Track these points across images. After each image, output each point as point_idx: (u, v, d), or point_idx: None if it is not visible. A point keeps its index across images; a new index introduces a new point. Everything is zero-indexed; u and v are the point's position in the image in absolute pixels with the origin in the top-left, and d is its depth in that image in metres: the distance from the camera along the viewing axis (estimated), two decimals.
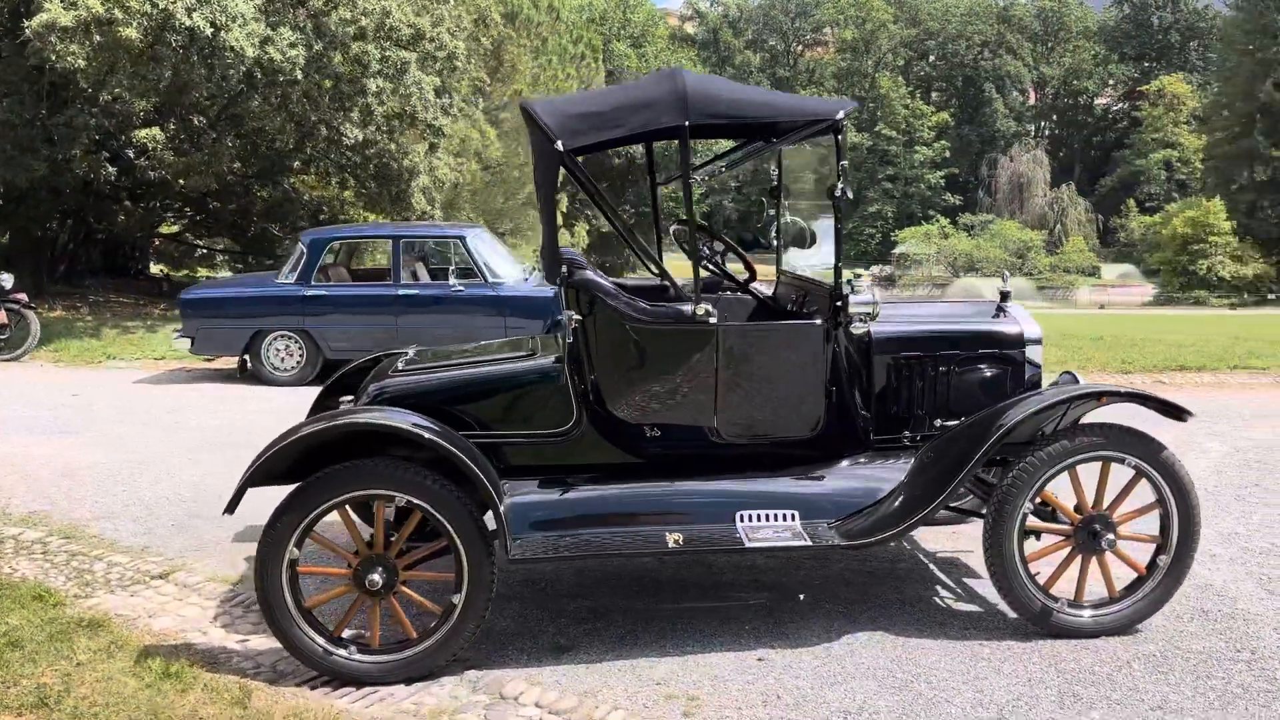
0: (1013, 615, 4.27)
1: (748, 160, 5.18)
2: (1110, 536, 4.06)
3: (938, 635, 4.26)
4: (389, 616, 3.93)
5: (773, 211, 5.37)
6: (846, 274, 4.22)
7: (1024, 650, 4.09)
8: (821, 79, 77.54)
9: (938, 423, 4.45)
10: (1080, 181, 67.30)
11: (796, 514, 4.16)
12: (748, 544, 4.00)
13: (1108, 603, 4.15)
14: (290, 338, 9.78)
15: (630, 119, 4.06)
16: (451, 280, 9.75)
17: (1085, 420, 4.29)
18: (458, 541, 3.86)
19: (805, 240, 5.18)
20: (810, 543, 4.01)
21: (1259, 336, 14.74)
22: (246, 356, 9.96)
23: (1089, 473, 4.04)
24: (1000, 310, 4.71)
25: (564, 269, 4.14)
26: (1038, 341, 4.61)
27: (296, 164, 16.67)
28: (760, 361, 4.16)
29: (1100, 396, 4.12)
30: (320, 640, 3.91)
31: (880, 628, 4.23)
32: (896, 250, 61.57)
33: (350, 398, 4.92)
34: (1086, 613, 4.08)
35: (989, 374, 4.45)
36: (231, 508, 3.88)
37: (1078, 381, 4.50)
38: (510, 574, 4.60)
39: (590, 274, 4.28)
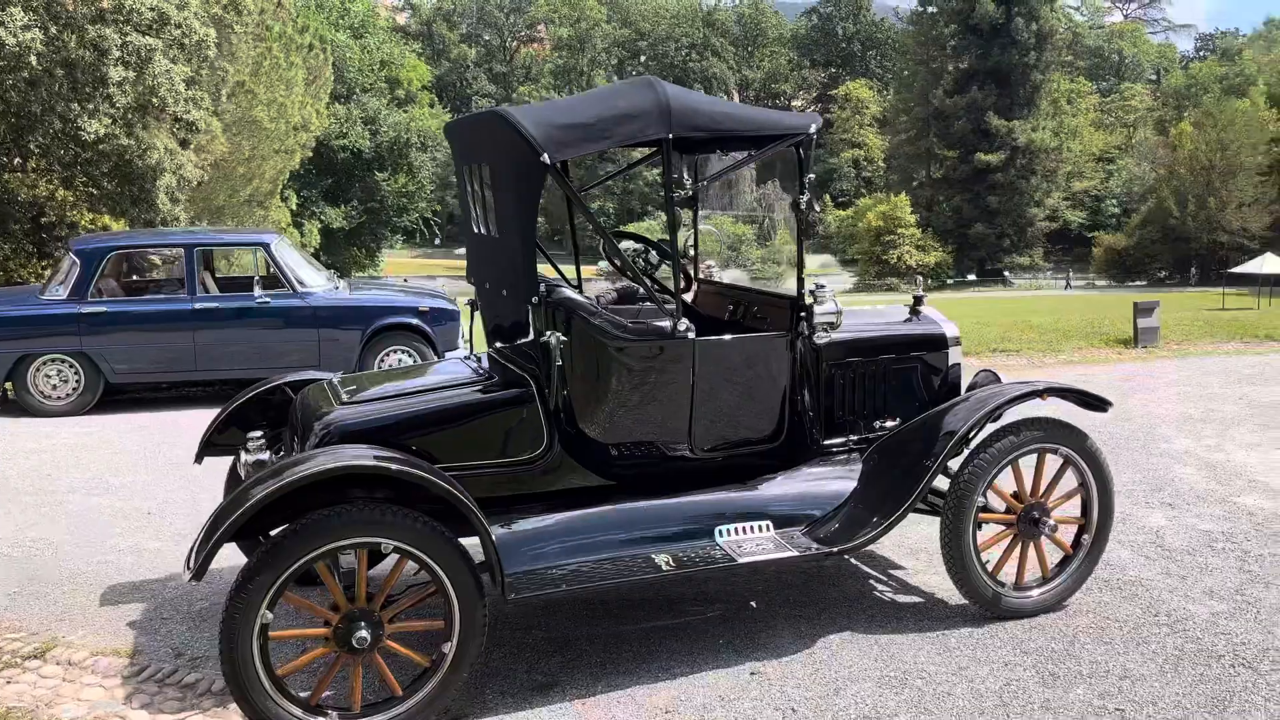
0: (954, 603, 4.49)
1: (729, 173, 5.12)
2: (1050, 522, 4.38)
3: (901, 630, 4.26)
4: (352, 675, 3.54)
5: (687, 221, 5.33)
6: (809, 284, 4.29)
7: (985, 636, 4.16)
8: (539, 75, 78.12)
9: (877, 424, 4.61)
10: (779, 178, 72.06)
11: (770, 524, 4.14)
12: (739, 560, 3.96)
13: (1043, 582, 4.46)
14: (64, 362, 8.45)
15: (617, 130, 3.88)
16: (256, 291, 8.86)
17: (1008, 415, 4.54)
18: (448, 585, 3.54)
19: (716, 247, 5.20)
20: (797, 553, 4.01)
21: (972, 318, 15.98)
22: (8, 385, 8.56)
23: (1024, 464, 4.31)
24: (915, 313, 4.93)
25: (542, 287, 3.91)
26: (958, 342, 4.88)
27: (17, 160, 14.48)
28: (733, 373, 4.11)
29: (1043, 393, 4.44)
30: (297, 711, 3.46)
31: (844, 628, 4.16)
32: (623, 244, 63.19)
33: (258, 433, 4.40)
34: (1028, 594, 4.38)
35: (921, 375, 4.66)
36: (200, 573, 3.34)
37: (997, 378, 4.83)
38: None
39: (568, 292, 4.08)
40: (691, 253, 5.36)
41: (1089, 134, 62.15)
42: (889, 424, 4.59)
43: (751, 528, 4.10)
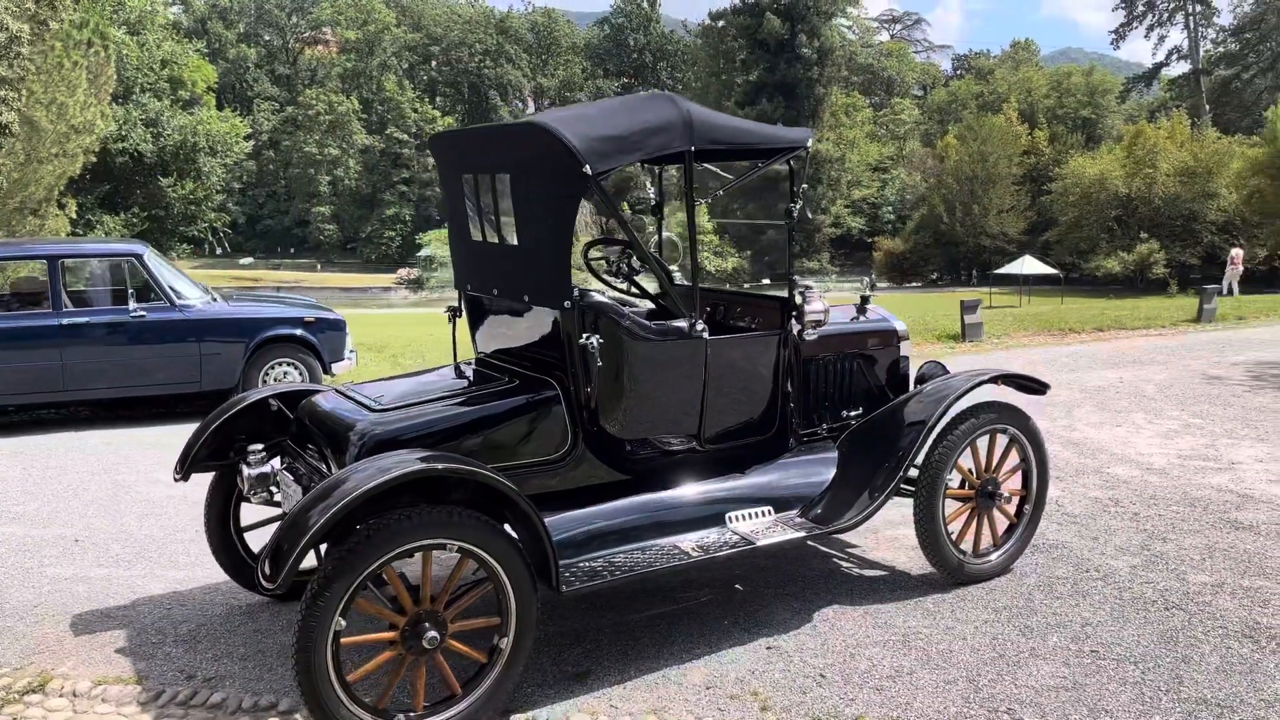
0: (915, 574, 4.94)
1: (741, 182, 5.32)
2: (1004, 494, 4.92)
3: (882, 600, 4.61)
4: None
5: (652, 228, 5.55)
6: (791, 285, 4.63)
7: (955, 600, 4.57)
8: (326, 78, 75.67)
9: (843, 414, 5.01)
10: None
11: (771, 509, 4.47)
12: (758, 543, 4.23)
13: (993, 549, 5.01)
14: None
15: (648, 143, 4.05)
16: (131, 305, 8.30)
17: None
18: (505, 581, 3.63)
19: (678, 254, 5.46)
20: (803, 534, 4.34)
21: None
22: None
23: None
24: (862, 311, 5.37)
25: (575, 292, 4.03)
26: (906, 336, 5.36)
27: None
28: (737, 370, 4.39)
29: (997, 380, 4.97)
30: (367, 717, 3.46)
31: (830, 603, 4.58)
32: (421, 253, 62.10)
33: (259, 446, 4.31)
34: (986, 560, 4.89)
35: (879, 367, 5.09)
36: (285, 585, 3.27)
37: (944, 369, 5.34)
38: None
39: (596, 295, 4.20)
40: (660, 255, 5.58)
41: (865, 145, 66.25)
42: (853, 413, 5.01)
43: (755, 513, 4.41)
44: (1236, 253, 36.88)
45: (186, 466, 4.48)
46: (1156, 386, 9.92)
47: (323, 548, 3.70)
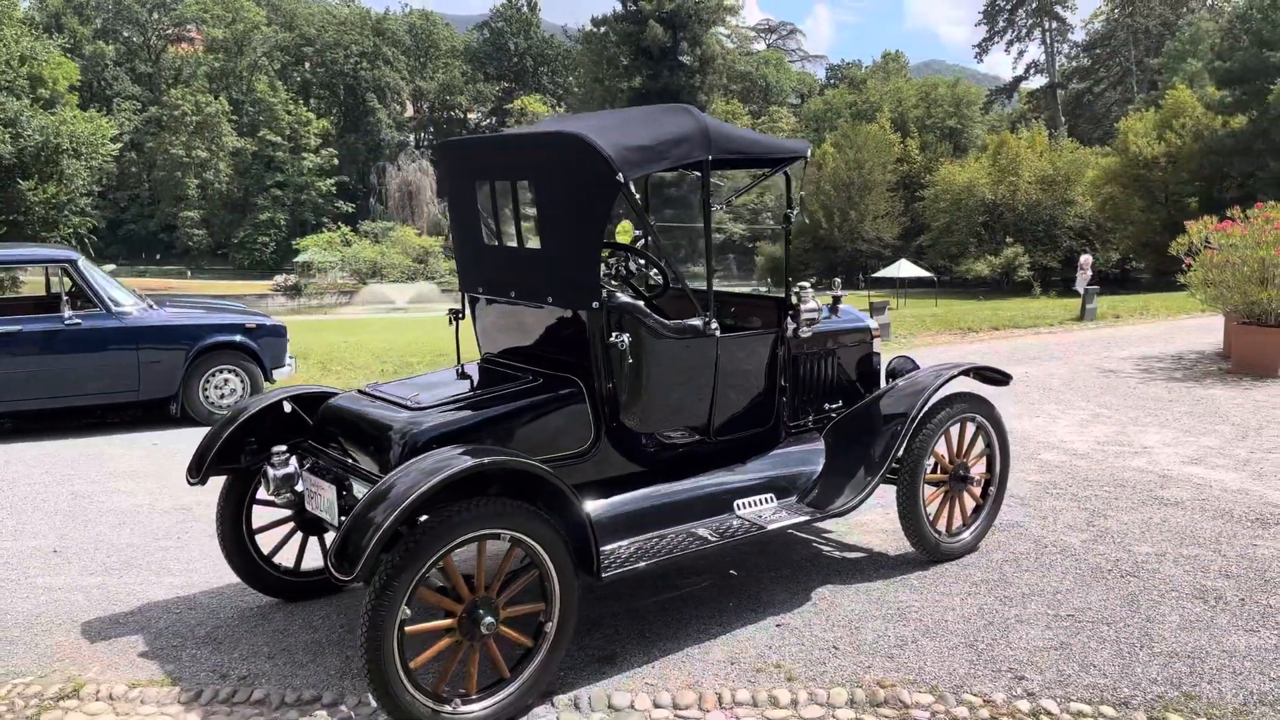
0: (892, 554, 5.31)
1: (751, 188, 5.52)
2: (975, 477, 5.34)
3: (870, 579, 4.93)
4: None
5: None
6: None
7: (935, 576, 4.94)
8: (192, 78, 73.01)
9: (826, 406, 5.34)
10: None
11: (774, 495, 4.77)
12: (769, 527, 4.52)
13: (964, 529, 5.42)
14: None
15: (671, 152, 4.27)
16: (66, 312, 8.03)
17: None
18: (551, 568, 3.81)
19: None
20: (806, 517, 4.64)
21: None
22: None
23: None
24: (834, 311, 5.71)
25: (604, 293, 4.20)
26: (878, 334, 5.73)
27: None
28: (742, 366, 4.66)
29: (969, 372, 5.38)
30: (429, 703, 3.58)
31: (824, 583, 4.88)
32: (299, 258, 60.67)
33: (282, 448, 4.37)
34: (958, 538, 5.31)
35: (855, 362, 5.44)
36: (369, 577, 3.38)
37: (915, 364, 5.73)
38: None
39: (621, 296, 4.38)
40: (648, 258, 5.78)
41: None
42: (834, 406, 5.35)
43: (760, 500, 4.70)
44: (1085, 259, 39.67)
45: (204, 470, 4.49)
46: (1061, 380, 10.66)
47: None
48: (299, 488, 4.36)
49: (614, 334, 4.19)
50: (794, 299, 4.94)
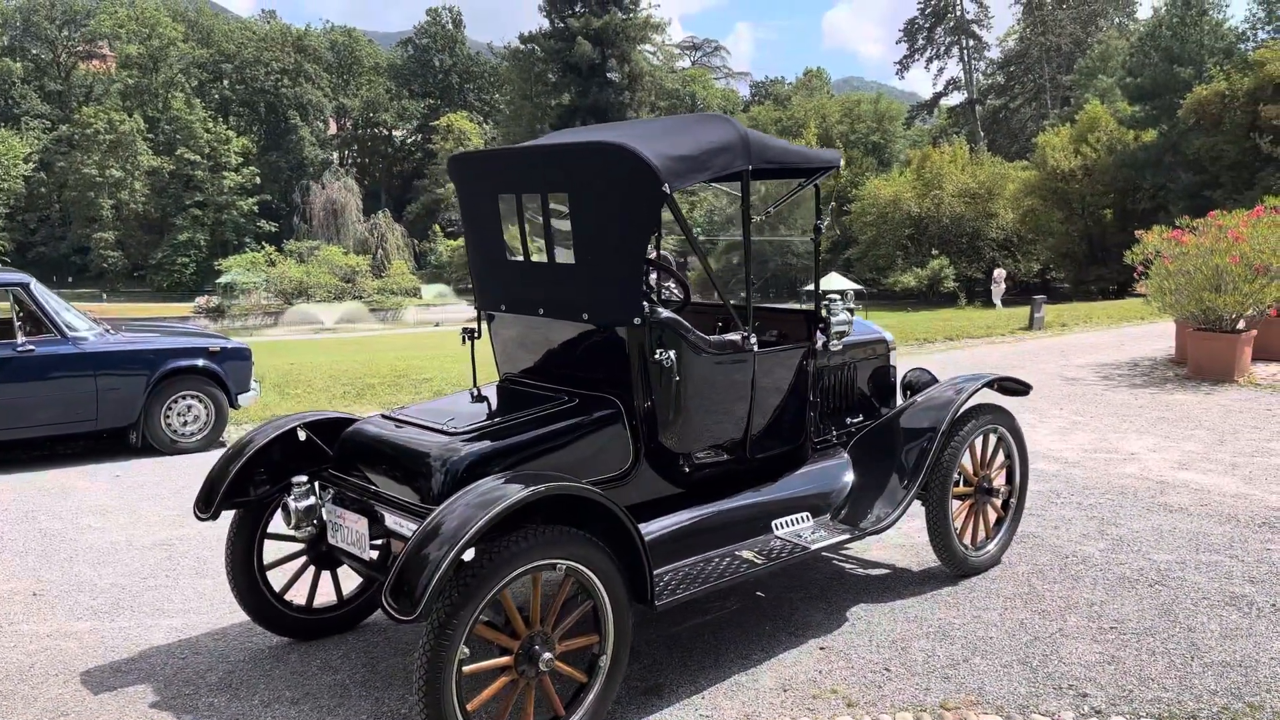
0: (916, 570, 5.22)
1: (789, 199, 5.35)
2: (1001, 490, 5.28)
3: (901, 596, 4.84)
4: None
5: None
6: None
7: (965, 591, 4.87)
8: (105, 95, 70.81)
9: (848, 420, 5.23)
10: (388, 208, 71.29)
11: (809, 514, 4.63)
12: (812, 547, 4.37)
13: (986, 541, 5.36)
14: None
15: (713, 162, 4.11)
16: (19, 338, 7.51)
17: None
18: (605, 599, 3.61)
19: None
20: (847, 536, 4.51)
21: None
22: None
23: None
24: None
25: (646, 307, 4.02)
26: (895, 346, 5.65)
27: None
28: (776, 381, 4.51)
29: (993, 384, 5.32)
30: None
31: (855, 602, 4.79)
32: (221, 279, 59.09)
33: (303, 478, 4.11)
34: (983, 551, 5.22)
35: (876, 375, 5.35)
36: (425, 614, 3.12)
37: (933, 376, 5.65)
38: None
39: (663, 311, 4.20)
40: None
41: None
42: (855, 420, 5.25)
43: (796, 519, 4.58)
44: (999, 272, 40.99)
45: (216, 505, 4.20)
46: None
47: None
48: (320, 520, 4.12)
49: (658, 350, 4.03)
50: (823, 312, 4.84)
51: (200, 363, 8.37)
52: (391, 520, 3.83)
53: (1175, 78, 47.14)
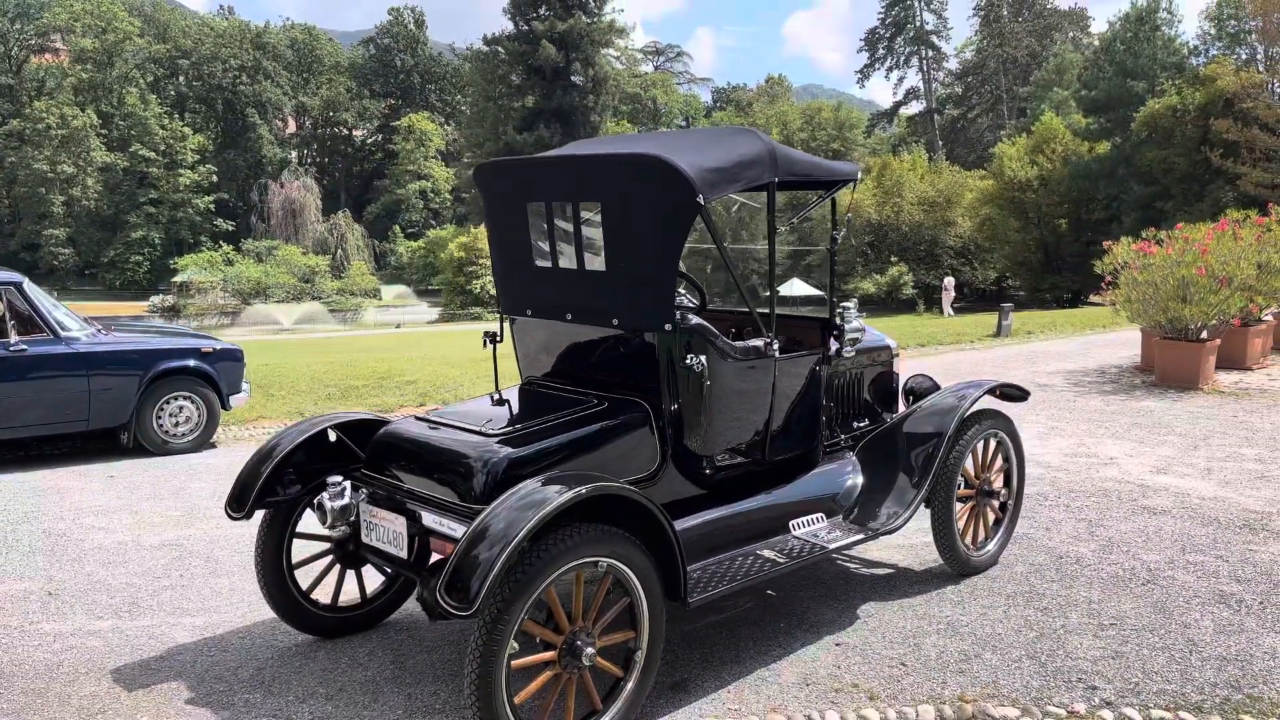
0: (918, 569, 5.39)
1: (810, 210, 5.45)
2: (1001, 490, 5.48)
3: (908, 595, 5.00)
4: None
5: None
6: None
7: (969, 590, 5.04)
8: (58, 90, 69.50)
9: (854, 424, 5.39)
10: (348, 208, 70.73)
11: (823, 515, 4.79)
12: (830, 547, 4.52)
13: (986, 542, 5.54)
14: None
15: (744, 174, 4.24)
16: (13, 337, 7.45)
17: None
18: (641, 594, 3.73)
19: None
20: (862, 536, 4.66)
21: None
22: None
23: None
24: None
25: (678, 314, 4.13)
26: (898, 353, 5.82)
27: None
28: (793, 386, 4.66)
29: (994, 390, 5.51)
30: None
31: (865, 600, 4.93)
32: (178, 278, 58.27)
33: (338, 478, 4.18)
34: (984, 552, 5.41)
35: (880, 380, 5.52)
36: (482, 609, 3.21)
37: (934, 382, 5.83)
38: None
39: (693, 318, 4.31)
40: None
41: None
42: (861, 424, 5.42)
43: (812, 520, 4.73)
44: (949, 281, 41.81)
45: (250, 504, 4.25)
46: None
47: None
48: (354, 519, 4.19)
49: (688, 356, 4.15)
50: (837, 319, 4.99)
51: (192, 363, 8.35)
52: (430, 519, 3.92)
53: (1129, 91, 48.20)
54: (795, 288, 47.82)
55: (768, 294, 4.83)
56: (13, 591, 5.19)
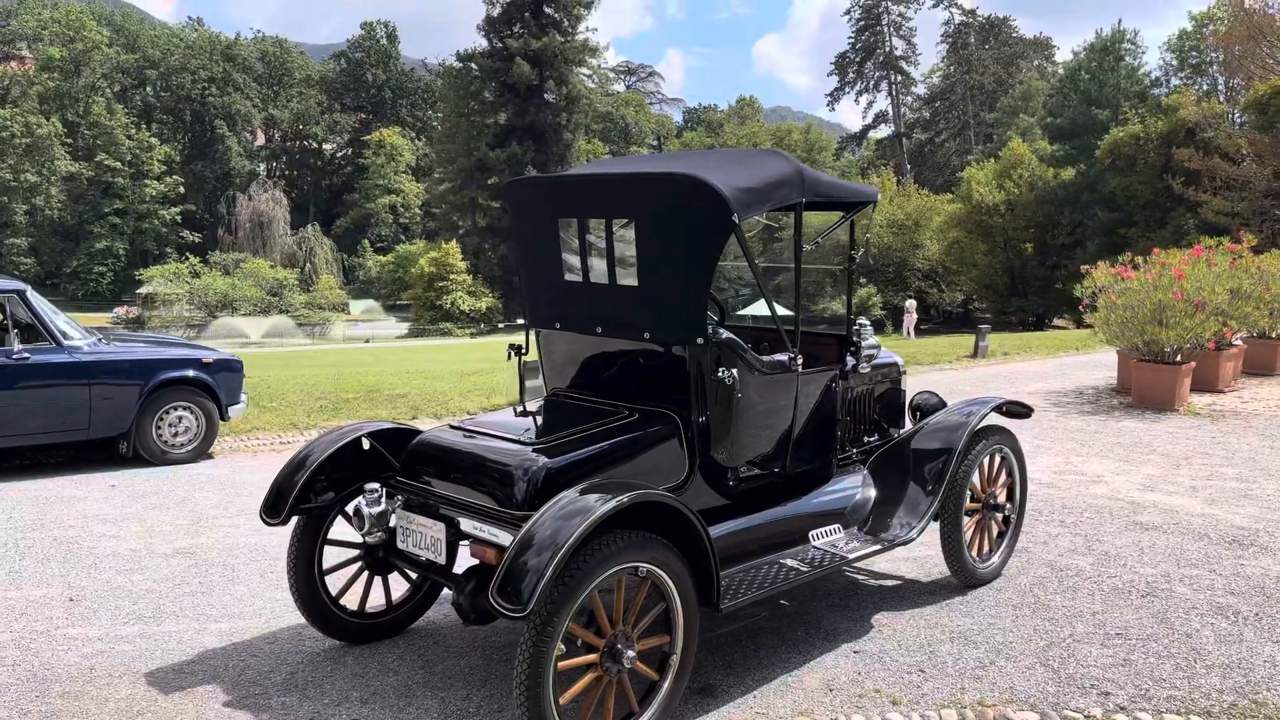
0: (925, 580, 5.54)
1: (831, 231, 5.56)
2: (1006, 506, 5.64)
3: (917, 605, 5.13)
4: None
5: None
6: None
7: (975, 600, 5.18)
8: (23, 98, 68.57)
9: (864, 439, 5.54)
10: (317, 222, 70.35)
11: (840, 526, 4.92)
12: (850, 556, 4.65)
13: (990, 554, 5.70)
14: None
15: (774, 194, 4.37)
16: (16, 345, 7.43)
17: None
18: (677, 599, 3.83)
19: None
20: (880, 547, 4.79)
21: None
22: None
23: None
24: None
25: (710, 329, 4.25)
26: (905, 370, 5.98)
27: None
28: (813, 400, 4.80)
29: (1000, 407, 5.68)
30: None
31: (877, 609, 5.05)
32: (142, 290, 57.62)
33: (375, 485, 4.26)
34: (989, 563, 5.57)
35: (889, 396, 5.67)
36: (538, 609, 3.30)
37: (939, 398, 5.99)
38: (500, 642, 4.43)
39: (724, 331, 4.42)
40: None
41: None
42: (870, 439, 5.57)
43: (830, 530, 4.87)
44: (910, 303, 42.49)
45: (286, 511, 4.32)
46: None
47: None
48: (390, 525, 4.28)
49: (720, 369, 4.28)
50: (854, 335, 5.15)
51: (192, 373, 8.36)
52: (468, 525, 4.01)
53: (1093, 119, 49.22)
54: (761, 307, 48.33)
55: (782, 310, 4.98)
56: (33, 597, 5.20)
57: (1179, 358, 11.51)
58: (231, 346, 45.16)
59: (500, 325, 56.25)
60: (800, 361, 4.66)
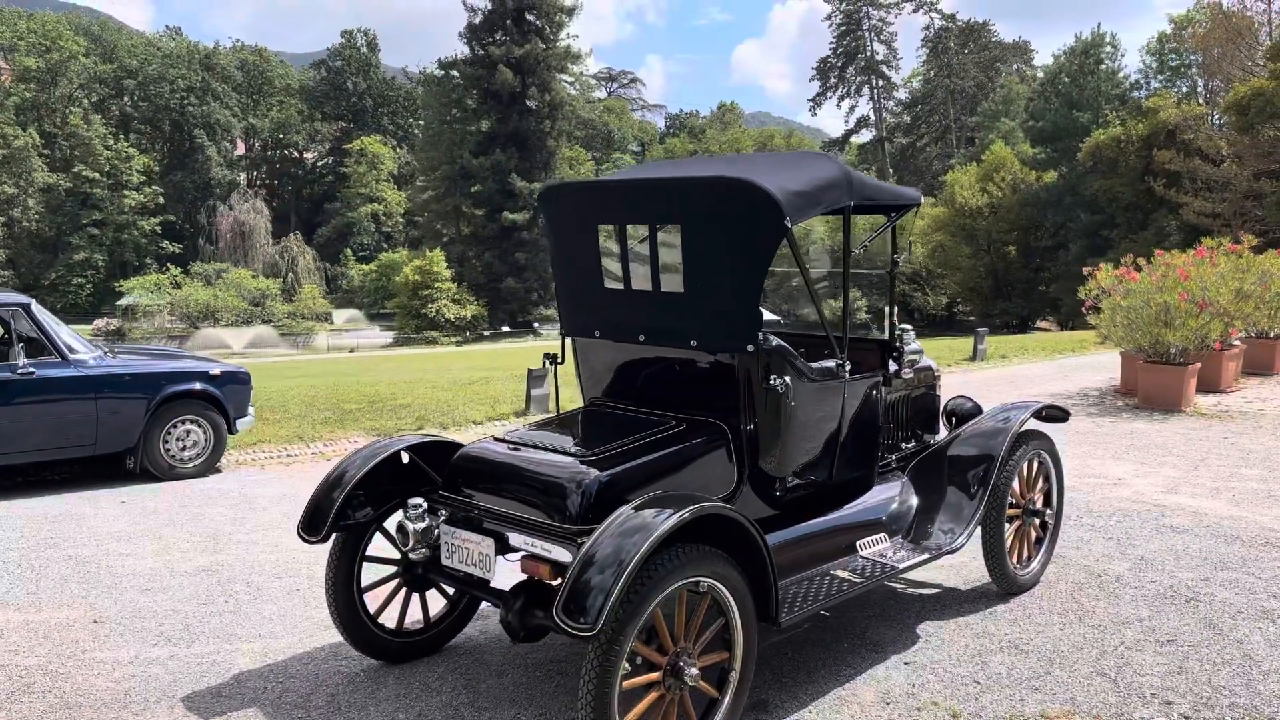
0: (965, 589, 5.45)
1: (878, 235, 5.46)
2: (1045, 509, 5.56)
3: (961, 614, 5.05)
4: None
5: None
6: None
7: (1019, 608, 5.10)
8: None
9: (902, 445, 5.45)
10: (298, 231, 69.85)
11: (885, 535, 4.83)
12: (899, 567, 4.56)
13: (1029, 560, 5.62)
14: None
15: (825, 197, 4.28)
16: (21, 360, 7.24)
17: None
18: (737, 615, 3.73)
19: None
20: (928, 555, 4.71)
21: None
22: None
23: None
24: None
25: (760, 335, 4.14)
26: (940, 375, 5.90)
27: None
28: (859, 406, 4.70)
29: (1041, 411, 5.61)
30: None
31: (921, 619, 4.98)
32: (123, 301, 57.07)
33: (418, 500, 4.13)
34: (1028, 570, 5.50)
35: (926, 401, 5.59)
36: (605, 626, 3.18)
37: (975, 403, 5.91)
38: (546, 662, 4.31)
39: (775, 339, 4.32)
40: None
41: None
42: (908, 445, 5.49)
43: (876, 540, 4.78)
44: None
45: (326, 528, 4.19)
46: None
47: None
48: (433, 541, 4.16)
49: (772, 377, 4.18)
50: (897, 341, 5.07)
51: (199, 386, 8.20)
52: (518, 540, 3.90)
53: (1074, 122, 49.51)
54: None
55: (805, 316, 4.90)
56: (55, 620, 5.04)
57: (1184, 359, 11.50)
58: (214, 357, 44.89)
59: (486, 333, 56.02)
60: (848, 368, 4.57)
